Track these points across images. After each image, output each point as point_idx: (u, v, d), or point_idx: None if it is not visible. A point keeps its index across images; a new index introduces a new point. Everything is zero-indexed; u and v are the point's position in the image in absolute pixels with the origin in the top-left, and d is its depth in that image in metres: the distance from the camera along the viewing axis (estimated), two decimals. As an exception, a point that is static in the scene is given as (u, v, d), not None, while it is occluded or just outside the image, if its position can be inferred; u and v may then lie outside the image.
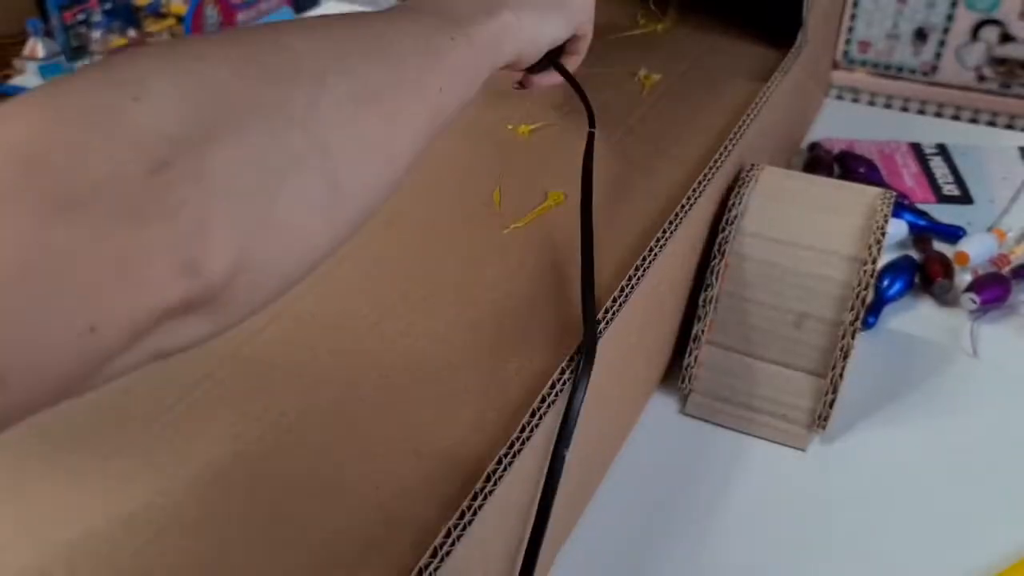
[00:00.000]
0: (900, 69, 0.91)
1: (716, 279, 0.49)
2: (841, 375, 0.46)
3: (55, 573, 0.29)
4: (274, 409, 0.35)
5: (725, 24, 0.68)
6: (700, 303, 0.49)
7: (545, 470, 0.34)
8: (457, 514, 0.29)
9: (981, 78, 0.88)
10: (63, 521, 0.31)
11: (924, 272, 0.60)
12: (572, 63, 0.46)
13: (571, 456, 0.34)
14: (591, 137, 0.44)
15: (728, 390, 0.49)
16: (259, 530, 0.31)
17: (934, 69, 0.89)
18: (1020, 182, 0.71)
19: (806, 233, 0.48)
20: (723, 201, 0.50)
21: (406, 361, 0.38)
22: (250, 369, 0.37)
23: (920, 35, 0.88)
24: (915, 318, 0.58)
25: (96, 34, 1.82)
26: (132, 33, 1.87)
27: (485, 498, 0.30)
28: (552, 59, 0.44)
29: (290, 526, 0.31)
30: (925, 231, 0.65)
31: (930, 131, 0.80)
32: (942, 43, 0.88)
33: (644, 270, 0.41)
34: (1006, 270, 0.60)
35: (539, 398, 0.34)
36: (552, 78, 0.45)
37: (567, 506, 0.42)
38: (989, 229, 0.65)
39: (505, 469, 0.31)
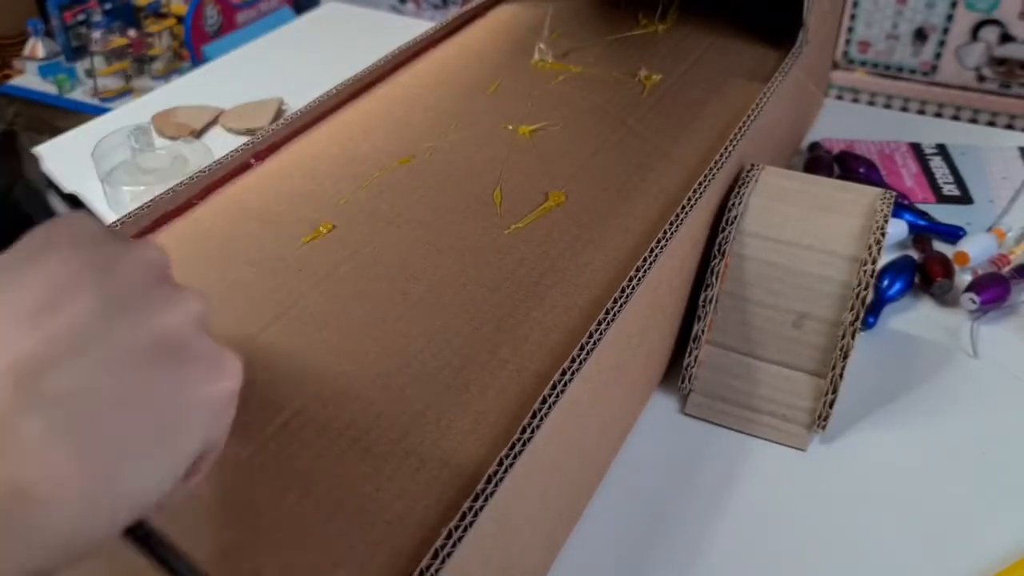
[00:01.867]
0: (900, 69, 0.91)
1: (716, 279, 0.49)
2: (841, 375, 0.46)
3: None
4: (273, 408, 0.35)
5: (725, 24, 0.68)
6: (700, 303, 0.49)
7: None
8: (458, 516, 0.29)
9: (981, 78, 0.88)
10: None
11: (924, 272, 0.60)
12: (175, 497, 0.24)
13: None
14: None
15: (728, 390, 0.49)
16: (260, 531, 0.31)
17: (934, 69, 0.89)
18: (1020, 182, 0.71)
19: (806, 233, 0.48)
20: (723, 201, 0.51)
21: (406, 361, 0.38)
22: (249, 368, 0.37)
23: (920, 35, 0.88)
24: (915, 318, 0.58)
25: (96, 34, 1.82)
26: (132, 33, 1.87)
27: (486, 500, 0.30)
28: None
29: (291, 527, 0.31)
30: (925, 231, 0.65)
31: (930, 131, 0.80)
32: (942, 43, 0.88)
33: (645, 271, 0.41)
34: (1006, 270, 0.60)
35: (539, 399, 0.34)
36: None
37: (567, 505, 0.42)
38: (989, 229, 0.65)
39: (506, 471, 0.31)
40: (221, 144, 0.78)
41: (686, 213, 0.44)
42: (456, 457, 0.33)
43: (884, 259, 0.59)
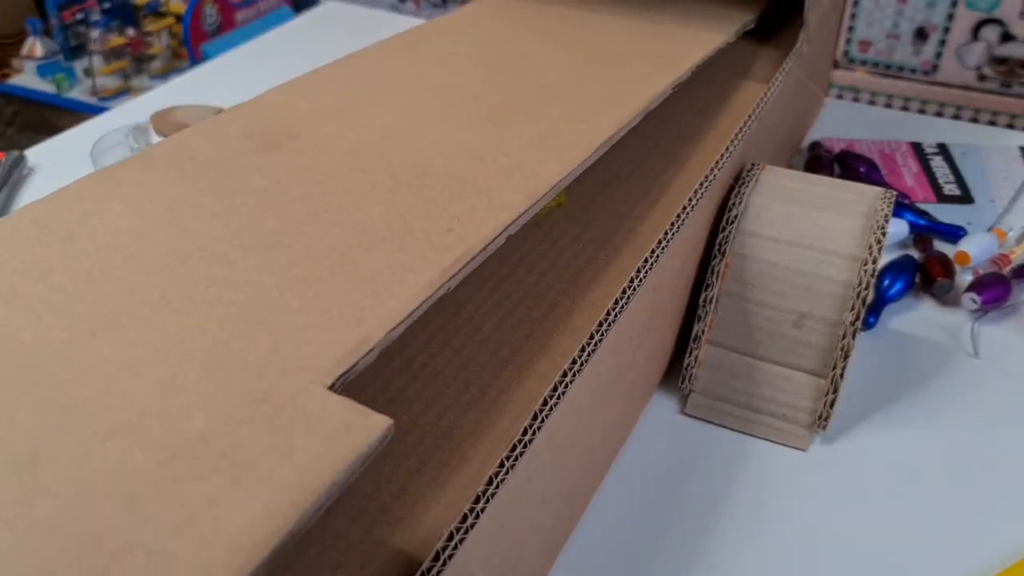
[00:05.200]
0: (900, 68, 0.91)
1: (716, 279, 0.49)
2: (842, 375, 0.46)
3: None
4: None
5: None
6: (700, 303, 0.49)
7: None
8: (459, 517, 0.29)
9: (981, 77, 0.88)
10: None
11: (925, 272, 0.60)
12: None
13: None
14: None
15: (728, 390, 0.49)
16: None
17: (934, 68, 0.89)
18: (1021, 182, 0.71)
19: (806, 233, 0.48)
20: (724, 201, 0.50)
21: (406, 361, 0.38)
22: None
23: (920, 35, 0.88)
24: (916, 318, 0.58)
25: (95, 33, 1.82)
26: (131, 32, 1.87)
27: (487, 501, 0.30)
28: None
29: (291, 528, 0.31)
30: (926, 231, 0.65)
31: (930, 131, 0.80)
32: (942, 43, 0.88)
33: (646, 271, 0.40)
34: (1007, 270, 0.60)
35: (540, 400, 0.34)
36: None
37: (568, 505, 0.42)
38: (990, 229, 0.65)
39: (507, 472, 0.31)
40: (220, 143, 0.78)
41: (687, 213, 0.44)
42: (458, 458, 0.33)
43: (885, 259, 0.59)
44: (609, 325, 0.38)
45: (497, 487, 0.31)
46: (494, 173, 0.39)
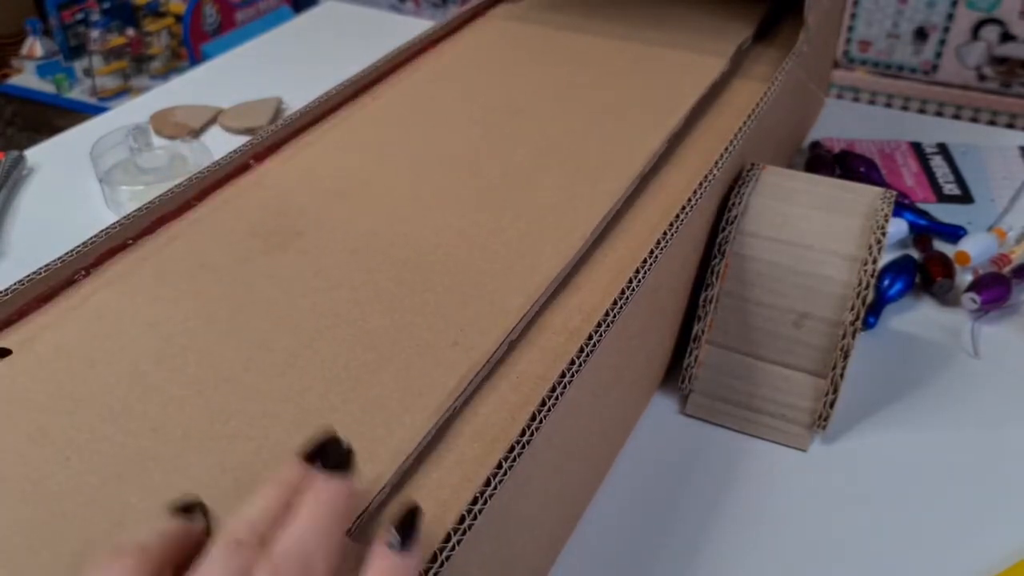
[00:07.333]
0: (900, 68, 0.91)
1: (716, 279, 0.49)
2: (842, 375, 0.46)
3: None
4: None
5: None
6: (700, 303, 0.49)
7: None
8: (457, 518, 0.29)
9: (981, 77, 0.88)
10: None
11: (925, 272, 0.60)
12: None
13: None
14: None
15: (728, 390, 0.49)
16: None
17: (934, 68, 0.89)
18: (1021, 182, 0.71)
19: (807, 233, 0.48)
20: (724, 201, 0.50)
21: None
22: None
23: (920, 34, 0.88)
24: (916, 318, 0.58)
25: (95, 33, 1.82)
26: (130, 32, 1.86)
27: (486, 502, 0.30)
28: None
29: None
30: (926, 231, 0.65)
31: (930, 130, 0.80)
32: (942, 42, 0.88)
33: (645, 272, 0.40)
34: (1007, 270, 0.60)
35: (539, 402, 0.34)
36: None
37: (567, 507, 0.42)
38: (990, 228, 0.65)
39: (506, 473, 0.31)
40: (220, 143, 0.78)
41: (687, 213, 0.44)
42: (456, 459, 0.33)
43: (885, 259, 0.58)
44: (608, 326, 0.38)
45: (495, 488, 0.31)
46: (495, 269, 0.40)
